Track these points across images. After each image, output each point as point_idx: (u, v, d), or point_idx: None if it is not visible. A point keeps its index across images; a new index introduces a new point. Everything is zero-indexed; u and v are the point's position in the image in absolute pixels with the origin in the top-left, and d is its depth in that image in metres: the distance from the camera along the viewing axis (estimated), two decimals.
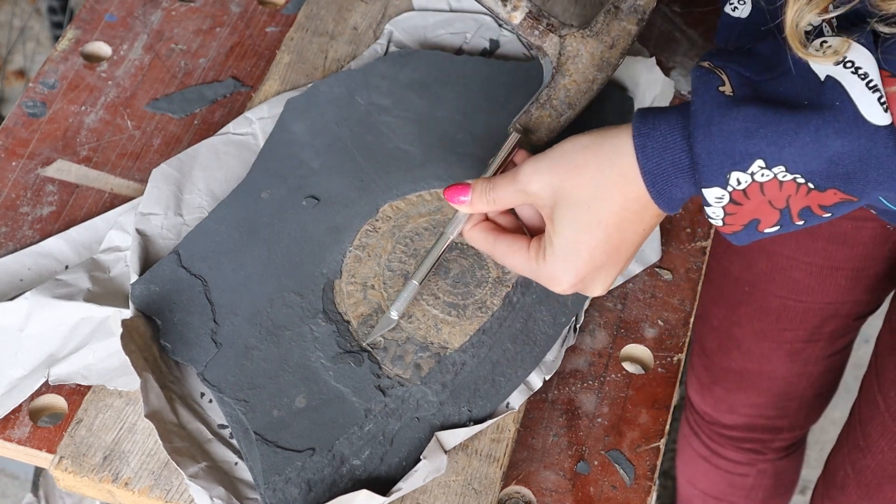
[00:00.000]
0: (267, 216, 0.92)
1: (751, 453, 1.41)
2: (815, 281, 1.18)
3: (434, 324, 0.87)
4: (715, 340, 1.33)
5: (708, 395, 1.39)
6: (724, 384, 1.35)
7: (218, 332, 0.86)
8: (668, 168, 0.72)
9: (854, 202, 0.70)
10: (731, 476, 1.44)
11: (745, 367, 1.31)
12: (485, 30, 1.07)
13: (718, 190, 0.70)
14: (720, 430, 1.41)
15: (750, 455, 1.41)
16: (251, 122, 0.99)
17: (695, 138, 0.69)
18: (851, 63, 0.67)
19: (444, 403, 0.84)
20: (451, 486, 0.82)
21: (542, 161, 0.77)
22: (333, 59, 1.06)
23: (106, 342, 0.87)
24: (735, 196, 0.70)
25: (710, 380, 1.37)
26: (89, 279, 0.90)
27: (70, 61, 1.07)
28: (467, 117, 0.98)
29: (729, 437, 1.41)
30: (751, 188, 0.70)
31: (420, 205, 0.93)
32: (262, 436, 0.82)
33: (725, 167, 0.69)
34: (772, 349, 1.28)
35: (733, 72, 0.71)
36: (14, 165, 0.99)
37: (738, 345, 1.30)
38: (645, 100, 1.02)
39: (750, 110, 0.68)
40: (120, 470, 0.82)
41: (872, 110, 0.66)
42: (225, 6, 1.12)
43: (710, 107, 0.69)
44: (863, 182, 0.68)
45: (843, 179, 0.68)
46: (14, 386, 0.86)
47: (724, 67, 0.71)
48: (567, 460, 0.86)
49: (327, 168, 0.95)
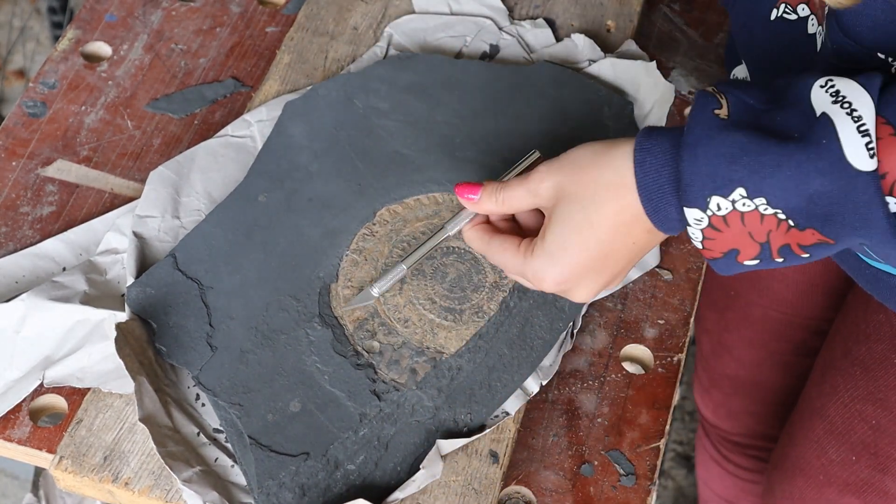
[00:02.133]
0: (264, 219, 0.92)
1: (757, 461, 1.40)
2: (794, 295, 1.19)
3: (430, 328, 0.87)
4: (709, 344, 1.33)
5: (708, 398, 1.39)
6: (721, 389, 1.35)
7: (213, 336, 0.86)
8: (663, 184, 0.72)
9: (831, 245, 0.69)
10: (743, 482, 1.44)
11: (738, 373, 1.32)
12: (485, 33, 1.07)
13: (698, 212, 0.70)
14: (724, 435, 1.41)
15: (757, 462, 1.40)
16: (249, 125, 0.99)
17: (681, 157, 0.69)
18: (849, 104, 0.66)
19: (440, 408, 0.84)
20: (451, 486, 0.82)
21: (553, 163, 0.77)
22: (333, 59, 1.06)
23: (101, 345, 0.87)
24: (714, 221, 0.70)
25: (709, 383, 1.37)
26: (86, 281, 0.90)
27: (70, 61, 1.07)
28: (466, 121, 0.98)
29: (734, 442, 1.40)
30: (731, 216, 0.69)
31: (417, 209, 0.93)
32: (257, 440, 0.82)
33: (706, 189, 0.68)
34: (762, 358, 1.28)
35: (735, 98, 0.70)
36: (14, 165, 0.99)
37: (729, 350, 1.30)
38: (646, 104, 1.02)
39: (738, 136, 0.68)
40: (120, 470, 0.82)
41: (858, 153, 0.65)
42: (225, 6, 1.12)
43: (701, 128, 0.69)
44: (840, 225, 0.67)
45: (822, 220, 0.67)
46: (9, 388, 0.86)
47: (725, 92, 0.71)
48: (567, 460, 0.86)
49: (325, 171, 0.95)
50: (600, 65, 1.04)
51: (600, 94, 1.00)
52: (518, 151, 0.96)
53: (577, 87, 1.01)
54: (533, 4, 1.12)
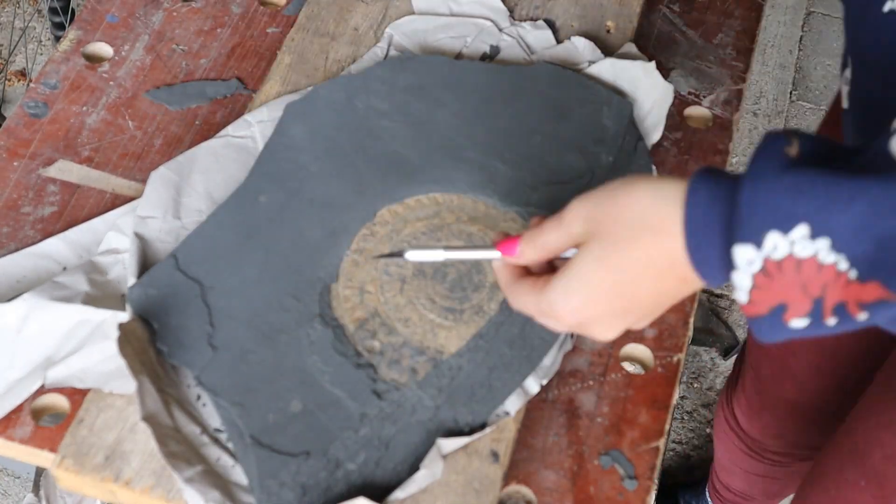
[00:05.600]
0: (265, 220, 0.92)
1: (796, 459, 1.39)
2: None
3: (431, 328, 0.87)
4: (769, 368, 1.27)
5: (755, 419, 1.35)
6: (775, 412, 1.31)
7: (214, 336, 0.87)
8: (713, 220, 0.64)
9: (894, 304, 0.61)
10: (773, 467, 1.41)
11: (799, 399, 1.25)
12: (485, 34, 1.07)
13: (751, 250, 0.62)
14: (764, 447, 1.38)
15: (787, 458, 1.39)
16: (250, 125, 1.00)
17: (740, 189, 0.62)
18: None
19: (440, 408, 0.84)
20: (451, 486, 0.83)
21: (590, 198, 0.71)
22: (334, 59, 1.06)
23: (103, 345, 0.87)
24: (768, 265, 0.62)
25: (761, 405, 1.32)
26: (87, 281, 0.90)
27: (72, 62, 1.07)
28: (466, 122, 0.98)
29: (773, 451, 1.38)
30: (786, 261, 0.61)
31: (418, 209, 0.93)
32: (258, 439, 0.82)
33: (766, 223, 0.61)
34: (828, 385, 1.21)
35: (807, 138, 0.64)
36: (16, 166, 1.00)
37: (794, 376, 1.23)
38: (645, 104, 1.02)
39: (808, 171, 0.60)
40: (121, 469, 0.82)
41: None
42: (226, 7, 1.12)
43: (767, 163, 0.62)
44: None
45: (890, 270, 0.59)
46: (11, 388, 0.86)
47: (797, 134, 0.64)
48: (567, 460, 0.86)
49: (325, 172, 0.95)
50: (600, 65, 1.04)
51: (600, 94, 1.01)
52: (518, 151, 0.96)
53: (577, 87, 1.01)
54: (533, 5, 1.12)
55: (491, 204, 0.93)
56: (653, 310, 0.71)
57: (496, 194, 0.93)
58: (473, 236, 0.91)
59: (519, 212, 0.92)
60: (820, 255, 0.60)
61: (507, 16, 1.09)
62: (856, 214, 0.59)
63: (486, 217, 0.92)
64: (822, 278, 0.61)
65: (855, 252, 0.60)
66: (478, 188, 0.94)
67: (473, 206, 0.93)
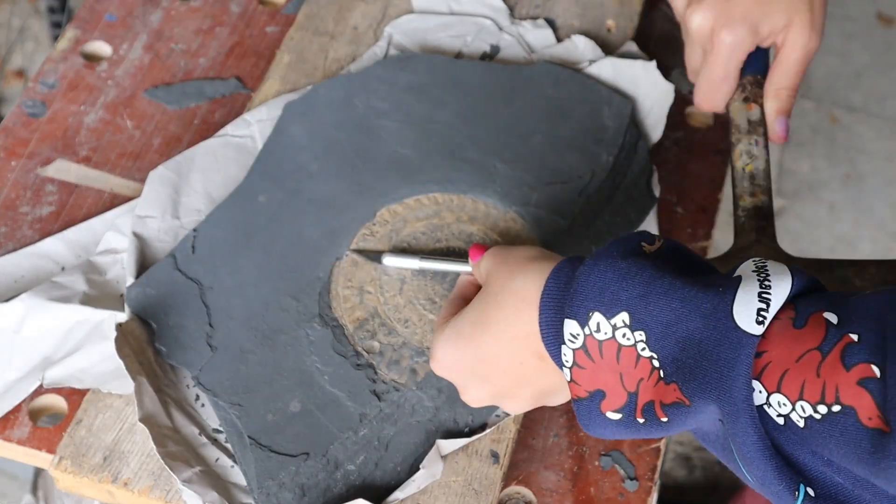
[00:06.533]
0: (264, 220, 0.92)
1: None
2: None
3: (430, 328, 0.87)
4: None
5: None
6: None
7: (213, 336, 0.86)
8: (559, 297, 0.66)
9: (688, 408, 0.61)
10: None
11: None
12: (485, 33, 1.07)
13: (576, 326, 0.63)
14: None
15: None
16: (249, 125, 0.99)
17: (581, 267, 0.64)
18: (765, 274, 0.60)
19: (440, 408, 0.84)
20: (451, 487, 0.82)
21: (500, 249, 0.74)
22: (333, 58, 1.06)
23: (101, 345, 0.87)
24: (589, 345, 0.63)
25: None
26: (85, 281, 0.89)
27: (70, 61, 1.07)
28: (466, 122, 0.98)
29: None
30: (608, 345, 0.62)
31: (417, 209, 0.93)
32: (257, 440, 0.82)
33: (591, 301, 0.62)
34: None
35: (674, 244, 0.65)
36: (13, 165, 0.99)
37: None
38: (645, 103, 1.02)
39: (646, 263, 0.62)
40: (120, 470, 0.82)
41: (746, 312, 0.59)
42: (225, 6, 1.12)
43: (615, 249, 0.64)
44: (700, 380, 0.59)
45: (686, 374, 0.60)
46: (9, 389, 0.86)
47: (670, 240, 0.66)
48: (567, 460, 0.86)
49: (325, 172, 0.95)
50: (600, 65, 1.04)
51: (600, 94, 1.00)
52: (518, 151, 0.96)
53: (577, 87, 1.01)
54: (533, 4, 1.12)
55: (491, 204, 0.93)
56: (513, 386, 0.72)
57: (496, 194, 0.93)
58: (473, 236, 0.91)
59: (519, 212, 0.92)
60: (638, 347, 0.62)
61: (508, 14, 1.09)
62: (667, 310, 0.60)
63: (486, 217, 0.92)
64: (637, 373, 0.62)
65: (664, 350, 0.61)
66: (478, 188, 0.94)
67: (473, 206, 0.93)
